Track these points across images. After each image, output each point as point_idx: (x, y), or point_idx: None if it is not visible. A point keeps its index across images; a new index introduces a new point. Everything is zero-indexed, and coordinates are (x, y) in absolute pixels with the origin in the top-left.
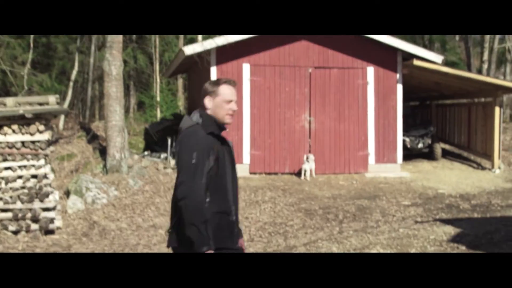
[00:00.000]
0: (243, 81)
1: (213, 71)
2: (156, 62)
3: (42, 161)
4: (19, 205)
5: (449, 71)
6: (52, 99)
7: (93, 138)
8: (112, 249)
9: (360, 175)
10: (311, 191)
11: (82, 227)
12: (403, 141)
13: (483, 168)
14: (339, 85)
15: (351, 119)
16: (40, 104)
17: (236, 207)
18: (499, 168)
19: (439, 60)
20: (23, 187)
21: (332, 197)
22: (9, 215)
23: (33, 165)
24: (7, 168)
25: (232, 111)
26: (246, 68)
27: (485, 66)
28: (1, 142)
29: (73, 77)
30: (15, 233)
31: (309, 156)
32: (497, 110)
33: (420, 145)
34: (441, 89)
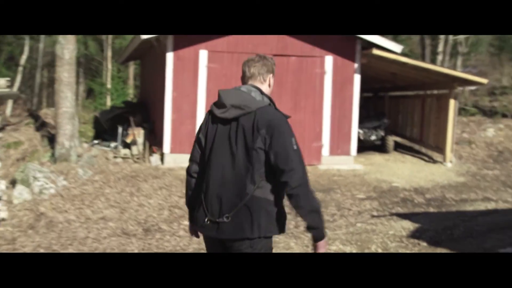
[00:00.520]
0: (199, 68)
1: (170, 57)
2: (108, 48)
3: None
4: None
5: (408, 61)
6: (2, 81)
7: (41, 125)
8: (60, 243)
9: (314, 167)
10: None
11: (28, 219)
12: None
13: (434, 162)
14: (296, 74)
15: (307, 109)
16: None
17: None
18: (450, 161)
19: (398, 50)
20: None
21: None
22: None
23: None
24: None
25: None
26: (203, 54)
27: (439, 58)
28: None
29: (22, 61)
30: None
31: None
32: (452, 102)
33: (373, 137)
34: (397, 80)
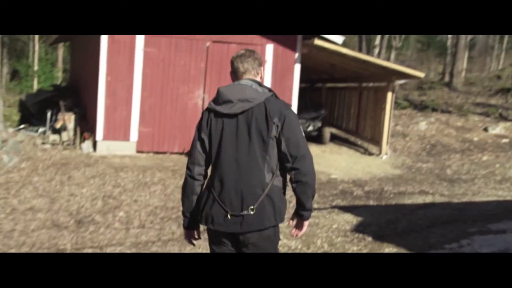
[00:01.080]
0: (135, 52)
1: (104, 40)
2: None
3: None
4: None
5: (348, 52)
6: None
7: None
8: None
9: None
10: None
11: None
12: None
13: (370, 154)
14: None
15: None
16: None
17: None
18: (386, 154)
19: (340, 41)
20: None
21: None
22: None
23: None
24: None
25: None
26: (140, 38)
27: (376, 51)
28: None
29: None
30: None
31: None
32: (389, 95)
33: (311, 128)
34: (335, 72)
